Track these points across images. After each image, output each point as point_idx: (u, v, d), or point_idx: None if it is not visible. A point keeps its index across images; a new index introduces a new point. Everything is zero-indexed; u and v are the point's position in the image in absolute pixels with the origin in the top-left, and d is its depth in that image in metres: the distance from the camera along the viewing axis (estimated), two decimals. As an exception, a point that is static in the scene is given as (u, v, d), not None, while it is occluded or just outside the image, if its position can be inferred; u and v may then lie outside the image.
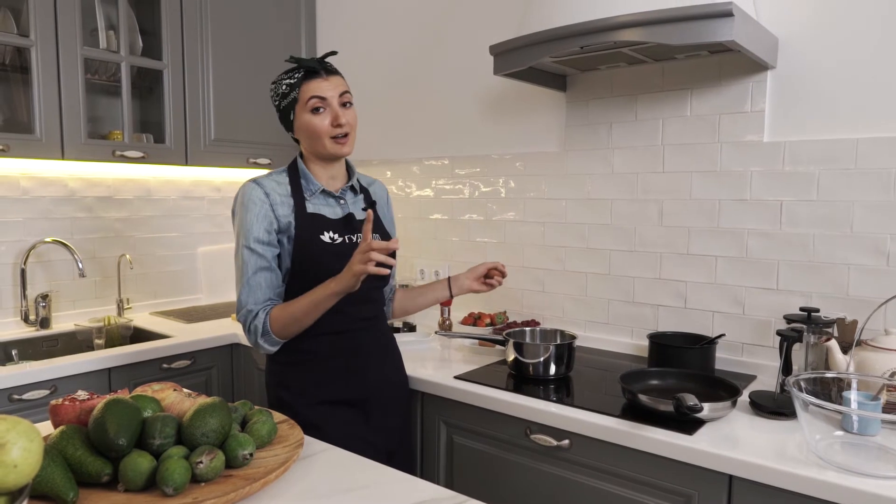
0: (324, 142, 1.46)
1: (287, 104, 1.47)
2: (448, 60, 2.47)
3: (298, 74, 1.45)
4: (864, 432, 1.25)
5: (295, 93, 1.45)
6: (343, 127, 1.45)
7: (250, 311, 1.44)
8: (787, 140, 1.71)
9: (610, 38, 1.53)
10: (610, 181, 2.05)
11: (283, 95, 1.47)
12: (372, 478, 1.08)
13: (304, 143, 1.50)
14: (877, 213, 1.58)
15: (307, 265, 1.46)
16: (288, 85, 1.46)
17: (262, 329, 1.43)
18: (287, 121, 1.50)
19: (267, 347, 1.46)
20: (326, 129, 1.45)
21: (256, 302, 1.44)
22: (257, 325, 1.43)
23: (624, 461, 1.37)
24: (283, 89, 1.47)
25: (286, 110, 1.48)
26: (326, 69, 1.46)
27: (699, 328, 1.88)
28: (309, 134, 1.46)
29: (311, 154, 1.52)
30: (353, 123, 1.49)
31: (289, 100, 1.46)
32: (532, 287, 2.27)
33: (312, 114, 1.44)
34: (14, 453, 0.72)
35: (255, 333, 1.44)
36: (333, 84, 1.45)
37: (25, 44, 2.03)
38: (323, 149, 1.47)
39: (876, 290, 1.59)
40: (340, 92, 1.46)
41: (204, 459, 0.96)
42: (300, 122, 1.46)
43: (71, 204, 2.43)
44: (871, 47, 1.58)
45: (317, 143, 1.46)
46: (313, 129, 1.45)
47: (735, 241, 1.81)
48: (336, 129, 1.45)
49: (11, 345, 2.20)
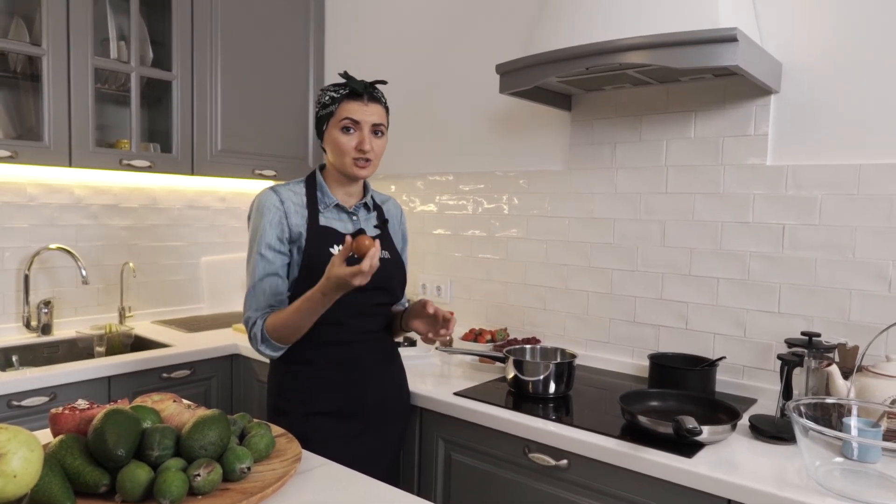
0: (345, 160, 1.49)
1: (324, 114, 1.51)
2: (454, 78, 2.49)
3: (343, 91, 1.49)
4: (864, 459, 1.24)
5: (334, 107, 1.49)
6: (367, 153, 1.49)
7: (250, 318, 1.49)
8: (790, 164, 1.72)
9: (616, 60, 1.55)
10: (613, 201, 2.06)
11: (324, 105, 1.51)
12: (369, 494, 1.08)
13: (329, 155, 1.54)
14: (879, 239, 1.59)
15: (314, 276, 1.46)
16: (331, 97, 1.50)
17: (261, 336, 1.47)
18: (320, 129, 1.54)
19: (269, 353, 1.49)
20: (350, 151, 1.48)
21: (257, 308, 1.48)
22: (257, 333, 1.47)
23: (622, 482, 1.36)
24: (326, 100, 1.51)
25: (322, 120, 1.52)
26: (370, 95, 1.49)
27: (700, 350, 1.88)
28: (333, 149, 1.51)
29: (332, 168, 1.56)
30: (379, 152, 1.53)
31: (327, 111, 1.50)
32: (533, 304, 2.27)
33: (342, 132, 1.48)
34: (14, 463, 0.72)
35: (255, 340, 1.48)
36: (371, 111, 1.49)
37: (37, 52, 2.05)
38: (343, 167, 1.51)
39: (878, 316, 1.59)
40: (375, 121, 1.49)
41: (201, 472, 0.96)
42: (329, 135, 1.51)
43: (77, 211, 2.44)
44: (875, 74, 1.59)
45: (339, 159, 1.50)
46: (339, 146, 1.49)
47: (737, 264, 1.81)
48: (359, 154, 1.48)
49: (12, 351, 2.20)
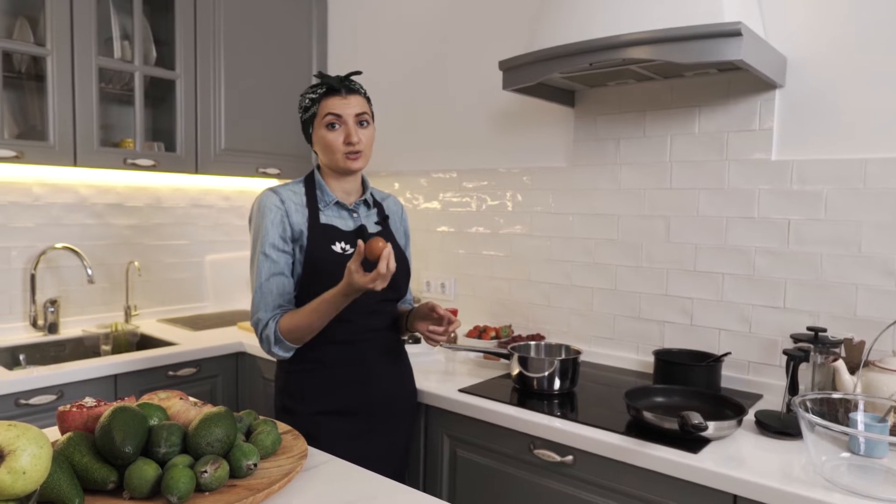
0: (336, 157, 1.50)
1: (308, 117, 1.53)
2: (458, 74, 2.49)
3: (321, 90, 1.50)
4: (870, 454, 1.24)
5: (315, 108, 1.51)
6: (355, 145, 1.49)
7: (260, 320, 1.48)
8: (796, 159, 1.71)
9: (619, 56, 1.54)
10: (617, 197, 2.06)
11: (305, 109, 1.53)
12: (375, 490, 1.08)
13: (320, 156, 1.55)
14: (885, 233, 1.58)
15: (317, 274, 1.48)
16: (310, 99, 1.52)
17: (275, 338, 1.46)
18: (307, 133, 1.56)
19: (282, 354, 1.50)
20: (339, 146, 1.49)
21: (267, 310, 1.47)
22: (269, 335, 1.47)
23: (627, 478, 1.37)
24: (306, 103, 1.53)
25: (306, 123, 1.54)
26: (347, 87, 1.50)
27: (705, 345, 1.88)
28: (323, 148, 1.51)
29: (326, 167, 1.57)
30: (367, 142, 1.52)
31: (309, 114, 1.52)
32: (538, 301, 2.27)
33: (327, 129, 1.49)
34: (23, 460, 0.73)
35: (268, 342, 1.48)
36: (351, 103, 1.49)
37: (41, 53, 2.06)
38: (336, 163, 1.52)
39: (884, 311, 1.58)
40: (357, 112, 1.49)
41: (208, 469, 0.97)
42: (317, 135, 1.52)
43: (82, 211, 2.45)
44: (880, 67, 1.59)
45: (331, 157, 1.51)
46: (327, 144, 1.50)
47: (742, 259, 1.80)
48: (348, 147, 1.49)
49: (19, 349, 2.21)
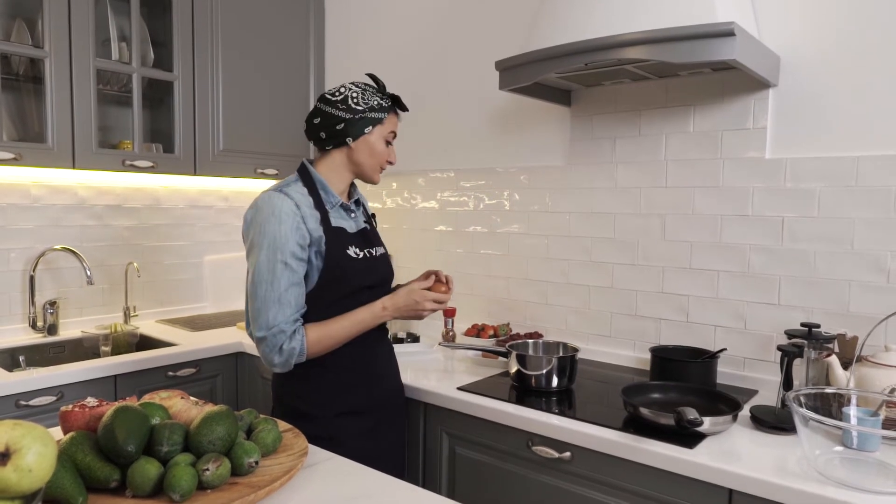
0: (376, 167, 1.54)
1: (371, 118, 1.49)
2: (454, 75, 2.50)
3: (388, 103, 1.52)
4: (863, 448, 1.26)
5: (384, 115, 1.51)
6: (391, 165, 1.56)
7: (283, 332, 1.39)
8: (789, 157, 1.73)
9: (614, 56, 1.56)
10: (613, 195, 2.07)
11: (372, 108, 1.49)
12: (375, 486, 1.09)
13: (354, 154, 1.50)
14: (877, 230, 1.60)
15: (338, 280, 1.45)
16: (380, 105, 1.50)
17: (300, 350, 1.40)
18: (354, 126, 1.47)
19: (290, 368, 1.43)
20: (383, 161, 1.54)
21: (287, 321, 1.39)
22: (294, 347, 1.40)
23: (625, 474, 1.38)
24: (374, 104, 1.49)
25: (366, 121, 1.48)
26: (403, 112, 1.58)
27: (701, 342, 1.89)
28: (370, 154, 1.51)
29: (345, 166, 1.53)
30: None
31: (375, 116, 1.49)
32: (535, 299, 2.28)
33: (385, 143, 1.53)
34: (29, 458, 0.74)
35: (288, 355, 1.40)
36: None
37: (39, 55, 2.06)
38: (368, 171, 1.54)
39: (876, 307, 1.60)
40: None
41: (210, 467, 0.98)
42: (371, 140, 1.50)
43: (80, 212, 2.46)
44: (873, 66, 1.60)
45: (371, 164, 1.53)
46: (378, 153, 1.52)
47: (737, 257, 1.82)
48: (388, 165, 1.55)
49: (19, 351, 2.22)
